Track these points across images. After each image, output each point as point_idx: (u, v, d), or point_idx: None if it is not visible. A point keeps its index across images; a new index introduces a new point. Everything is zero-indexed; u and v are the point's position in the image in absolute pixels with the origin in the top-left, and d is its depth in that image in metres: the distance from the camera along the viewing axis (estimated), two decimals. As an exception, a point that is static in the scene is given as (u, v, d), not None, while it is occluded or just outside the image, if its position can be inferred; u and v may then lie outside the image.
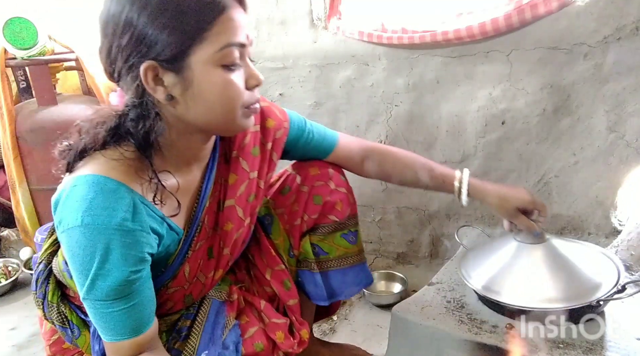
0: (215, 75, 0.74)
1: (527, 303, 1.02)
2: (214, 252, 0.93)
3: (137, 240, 0.74)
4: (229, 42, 0.73)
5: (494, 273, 1.10)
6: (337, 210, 1.06)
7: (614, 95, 1.33)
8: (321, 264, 1.09)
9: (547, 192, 1.50)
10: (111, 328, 0.76)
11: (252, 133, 0.96)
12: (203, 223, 0.90)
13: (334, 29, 1.71)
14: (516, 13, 1.36)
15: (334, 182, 1.06)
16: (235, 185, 0.93)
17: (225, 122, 0.79)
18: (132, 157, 0.76)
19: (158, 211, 0.80)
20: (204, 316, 0.95)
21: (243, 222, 0.95)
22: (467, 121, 1.56)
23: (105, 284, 0.72)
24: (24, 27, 1.81)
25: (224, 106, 0.77)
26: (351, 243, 1.10)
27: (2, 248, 2.17)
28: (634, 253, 1.20)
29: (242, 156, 0.94)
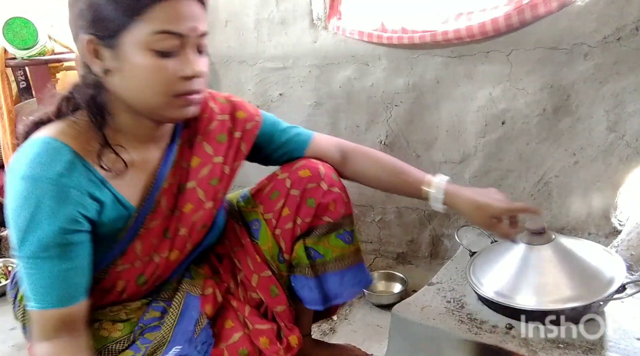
0: (144, 58, 0.77)
1: (532, 304, 1.02)
2: (170, 233, 0.94)
3: (70, 197, 0.77)
4: (164, 28, 0.76)
5: (503, 277, 1.10)
6: (331, 211, 1.04)
7: (614, 95, 1.33)
8: (316, 268, 1.06)
9: (547, 192, 1.50)
10: (38, 291, 0.78)
11: (220, 121, 0.99)
12: (159, 203, 0.91)
13: (334, 29, 1.71)
14: (516, 13, 1.36)
15: (327, 183, 1.03)
16: (197, 168, 0.95)
17: (155, 107, 0.81)
18: (84, 126, 0.82)
19: (102, 178, 0.82)
20: (177, 308, 0.95)
21: (203, 203, 0.96)
22: (467, 121, 1.56)
23: (35, 237, 0.75)
24: (24, 27, 1.81)
25: (150, 90, 0.79)
26: (347, 243, 1.07)
27: (2, 248, 2.17)
28: (634, 253, 1.20)
29: (206, 141, 0.97)
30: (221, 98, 1.03)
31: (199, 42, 0.82)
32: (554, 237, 1.11)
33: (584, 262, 1.07)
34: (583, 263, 1.06)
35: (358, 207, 1.88)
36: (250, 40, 1.89)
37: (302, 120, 1.85)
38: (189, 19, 0.78)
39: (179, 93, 0.81)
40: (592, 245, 1.16)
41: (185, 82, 0.80)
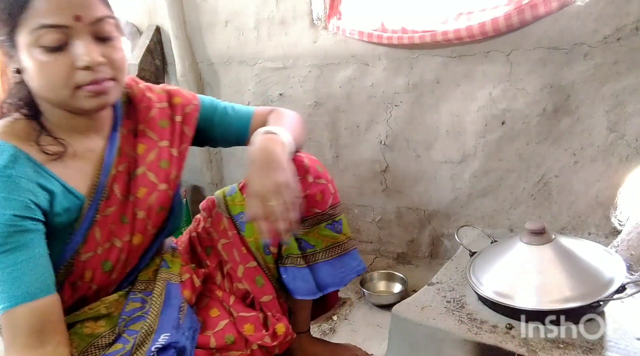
0: (36, 56, 0.78)
1: (532, 304, 1.02)
2: (128, 217, 0.96)
3: (19, 186, 0.79)
4: (43, 23, 0.76)
5: (503, 277, 1.10)
6: (318, 202, 1.04)
7: (614, 95, 1.33)
8: (308, 258, 1.08)
9: (547, 192, 1.50)
10: (1, 289, 0.77)
11: (159, 108, 1.02)
12: (112, 190, 0.93)
13: (334, 29, 1.71)
14: (516, 13, 1.36)
15: (312, 175, 1.03)
16: (144, 154, 0.98)
17: (62, 100, 0.82)
18: (21, 123, 0.85)
19: (47, 170, 0.84)
20: (160, 296, 0.97)
21: (156, 185, 0.99)
22: (467, 121, 1.56)
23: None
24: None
25: (50, 85, 0.80)
26: (337, 232, 1.08)
27: None
28: (634, 253, 1.20)
29: (149, 128, 1.00)
30: (157, 89, 1.06)
31: (94, 30, 0.81)
32: (554, 237, 1.11)
33: (584, 262, 1.07)
34: (583, 263, 1.06)
35: (358, 207, 1.88)
36: (250, 40, 1.89)
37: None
38: (69, 9, 0.77)
39: (79, 85, 0.80)
40: (592, 245, 1.16)
41: (83, 73, 0.80)
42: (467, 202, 1.64)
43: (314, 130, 1.85)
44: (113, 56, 0.83)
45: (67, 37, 0.78)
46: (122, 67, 0.86)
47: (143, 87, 1.04)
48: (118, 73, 0.85)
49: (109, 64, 0.82)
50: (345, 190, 1.88)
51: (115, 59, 0.84)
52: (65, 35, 0.78)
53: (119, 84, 0.87)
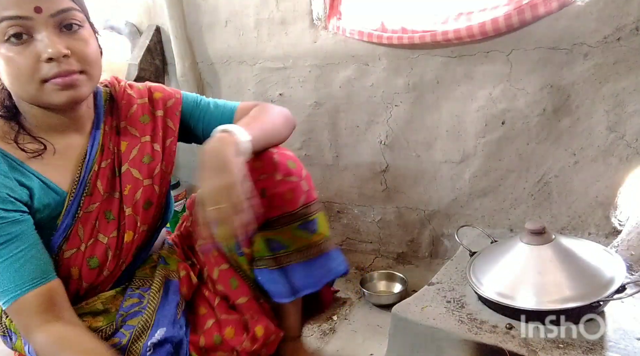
0: (1, 52, 0.78)
1: (532, 304, 1.02)
2: (113, 214, 0.96)
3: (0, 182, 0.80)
4: (3, 16, 0.76)
5: (503, 277, 1.10)
6: (287, 200, 0.99)
7: (614, 95, 1.33)
8: (280, 259, 1.03)
9: (547, 192, 1.50)
10: (6, 280, 0.78)
11: (140, 105, 1.02)
12: (94, 186, 0.93)
13: (334, 29, 1.71)
14: (516, 13, 1.36)
15: (281, 172, 0.98)
16: (127, 151, 0.98)
17: (32, 96, 0.81)
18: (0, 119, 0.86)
19: (26, 166, 0.85)
20: (158, 291, 0.98)
21: (141, 181, 0.99)
22: (467, 121, 1.56)
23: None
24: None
25: (18, 80, 0.80)
26: (311, 232, 1.02)
27: None
28: (634, 253, 1.20)
29: (130, 124, 1.00)
30: (139, 85, 1.06)
31: (58, 21, 0.80)
32: (554, 237, 1.11)
33: (584, 262, 1.07)
34: (583, 263, 1.06)
35: (358, 207, 1.88)
36: (250, 40, 1.89)
37: (302, 120, 1.85)
38: (28, 1, 0.77)
39: (45, 79, 0.79)
40: (592, 245, 1.16)
41: (48, 65, 0.79)
42: (467, 202, 1.64)
43: (314, 130, 1.85)
44: (79, 48, 0.82)
45: (30, 29, 0.78)
46: (90, 59, 0.84)
47: (124, 85, 1.05)
48: (87, 66, 0.84)
49: (75, 56, 0.81)
50: (345, 190, 1.88)
51: (81, 51, 0.82)
52: (27, 28, 0.77)
53: (89, 77, 0.85)
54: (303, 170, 1.03)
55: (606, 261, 1.08)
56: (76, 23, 0.82)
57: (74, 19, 0.82)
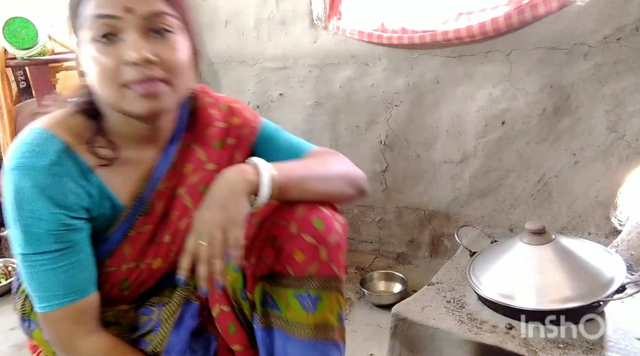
0: (89, 50, 0.75)
1: (532, 304, 1.02)
2: (157, 239, 0.89)
3: (65, 186, 0.76)
4: (94, 13, 0.73)
5: (503, 277, 1.10)
6: (294, 261, 0.82)
7: (614, 95, 1.33)
8: (269, 319, 0.87)
9: (547, 192, 1.50)
10: (45, 287, 0.76)
11: (218, 128, 0.94)
12: (154, 206, 0.87)
13: (334, 29, 1.71)
14: (516, 13, 1.36)
15: (298, 225, 0.82)
16: (189, 174, 0.91)
17: (113, 101, 0.77)
18: (78, 119, 0.82)
19: (88, 166, 0.81)
20: (172, 315, 0.91)
21: (189, 211, 0.89)
22: (467, 121, 1.56)
23: (37, 230, 0.75)
24: (24, 27, 1.81)
25: (100, 82, 0.76)
26: (306, 310, 0.83)
27: (2, 248, 2.17)
28: (634, 253, 1.20)
29: (202, 147, 0.92)
30: (223, 105, 0.97)
31: (148, 24, 0.75)
32: (554, 237, 1.11)
33: (584, 262, 1.07)
34: (583, 263, 1.06)
35: (358, 207, 1.88)
36: (250, 40, 1.89)
37: (302, 120, 1.85)
38: (120, 0, 0.73)
39: (125, 83, 0.74)
40: (592, 245, 1.16)
41: (130, 70, 0.73)
42: (467, 202, 1.64)
43: (314, 130, 1.85)
44: (166, 55, 0.76)
45: (118, 30, 0.74)
46: (176, 69, 0.78)
47: (209, 101, 0.96)
48: (172, 75, 0.77)
49: (160, 63, 0.75)
50: (345, 190, 1.88)
51: (168, 59, 0.76)
52: (116, 29, 0.74)
53: (173, 88, 0.78)
54: (332, 235, 0.83)
55: (606, 261, 1.08)
56: (167, 28, 0.77)
57: (165, 23, 0.76)
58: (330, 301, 0.84)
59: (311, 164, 0.90)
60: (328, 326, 0.85)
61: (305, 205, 0.85)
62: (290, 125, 1.87)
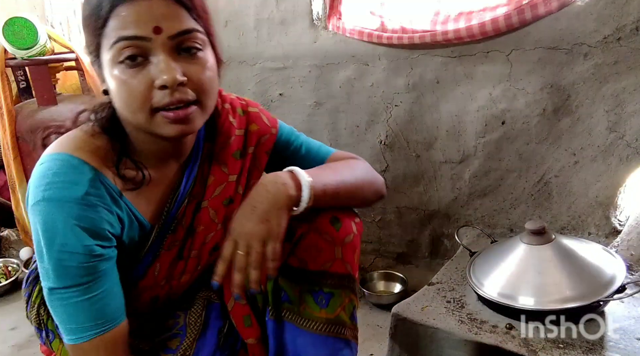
0: (114, 72, 0.72)
1: (532, 304, 1.02)
2: (184, 254, 0.88)
3: (99, 215, 0.74)
4: (119, 36, 0.70)
5: (503, 277, 1.10)
6: (311, 257, 0.84)
7: (614, 95, 1.33)
8: (281, 311, 0.88)
9: (547, 192, 1.50)
10: (73, 320, 0.74)
11: (237, 136, 0.92)
12: (180, 223, 0.85)
13: (334, 29, 1.71)
14: (516, 13, 1.36)
15: (316, 223, 0.85)
16: (212, 186, 0.89)
17: (142, 124, 0.74)
18: (102, 140, 0.79)
19: (118, 190, 0.78)
20: (199, 318, 0.91)
21: (215, 225, 0.90)
22: (467, 121, 1.56)
23: (68, 264, 0.72)
24: (24, 27, 1.81)
25: (129, 106, 0.73)
26: (319, 305, 0.84)
27: (2, 248, 2.17)
28: (634, 253, 1.20)
29: (223, 158, 0.90)
30: (240, 110, 0.95)
31: (177, 44, 0.72)
32: (554, 237, 1.11)
33: (584, 262, 1.07)
34: (583, 263, 1.06)
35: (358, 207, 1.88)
36: (250, 40, 1.89)
37: (302, 120, 1.85)
38: (149, 20, 0.69)
39: (157, 107, 0.72)
40: (592, 245, 1.16)
41: (161, 93, 0.71)
42: (467, 202, 1.64)
43: (314, 130, 1.85)
44: (196, 74, 0.73)
45: (146, 51, 0.70)
46: (206, 88, 0.75)
47: (228, 108, 0.93)
48: (202, 95, 0.75)
49: (191, 83, 0.73)
50: (345, 190, 1.88)
51: (198, 78, 0.73)
52: (144, 50, 0.70)
53: (203, 109, 0.76)
54: (348, 236, 0.86)
55: (606, 261, 1.08)
56: (196, 47, 0.74)
57: (194, 41, 0.74)
58: (343, 299, 0.85)
59: (343, 173, 0.90)
60: (340, 324, 0.85)
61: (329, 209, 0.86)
62: (290, 125, 1.86)
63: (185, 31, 0.72)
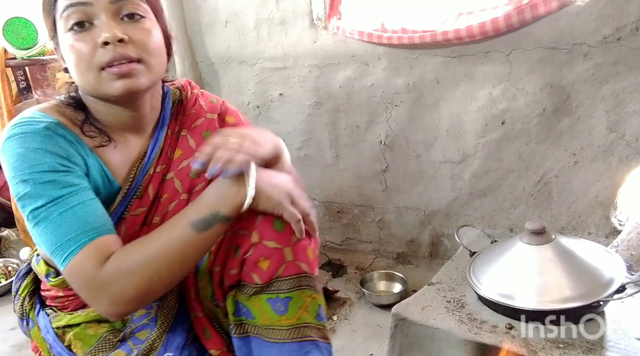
0: (65, 41, 0.79)
1: (532, 304, 1.02)
2: (148, 220, 0.91)
3: (59, 144, 0.79)
4: (66, 4, 0.77)
5: (503, 277, 1.10)
6: (260, 270, 0.81)
7: (614, 95, 1.33)
8: (246, 328, 0.84)
9: (547, 192, 1.50)
10: (61, 235, 0.73)
11: (207, 119, 0.98)
12: (146, 190, 0.90)
13: (334, 29, 1.71)
14: (516, 13, 1.36)
15: (259, 234, 0.81)
16: (179, 160, 0.94)
17: (92, 86, 0.80)
18: (68, 109, 0.86)
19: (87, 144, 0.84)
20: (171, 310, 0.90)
21: (179, 194, 0.93)
22: (467, 121, 1.56)
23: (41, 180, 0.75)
24: (24, 27, 1.81)
25: (78, 69, 0.79)
26: (278, 313, 0.81)
27: (2, 248, 2.17)
28: (634, 253, 1.20)
29: (191, 135, 0.96)
30: (213, 98, 1.02)
31: (118, 8, 0.79)
32: (554, 237, 1.11)
33: (584, 262, 1.07)
34: (583, 263, 1.06)
35: (358, 207, 1.88)
36: (250, 40, 1.89)
37: (302, 120, 1.85)
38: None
39: (102, 65, 0.77)
40: (592, 245, 1.16)
41: (104, 51, 0.77)
42: (467, 202, 1.64)
43: (314, 130, 1.85)
44: (138, 36, 0.80)
45: (90, 16, 0.77)
46: (149, 48, 0.81)
47: (197, 93, 1.01)
48: (145, 54, 0.81)
49: (132, 43, 0.79)
50: (345, 190, 1.88)
51: (140, 39, 0.80)
52: (88, 15, 0.77)
53: (148, 67, 0.81)
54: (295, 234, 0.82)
55: (606, 261, 1.08)
56: (138, 13, 0.81)
57: (135, 8, 0.80)
58: (304, 300, 0.82)
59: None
60: (304, 326, 0.82)
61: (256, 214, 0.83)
62: (290, 125, 1.87)
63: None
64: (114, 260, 0.74)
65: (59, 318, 0.93)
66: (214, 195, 0.78)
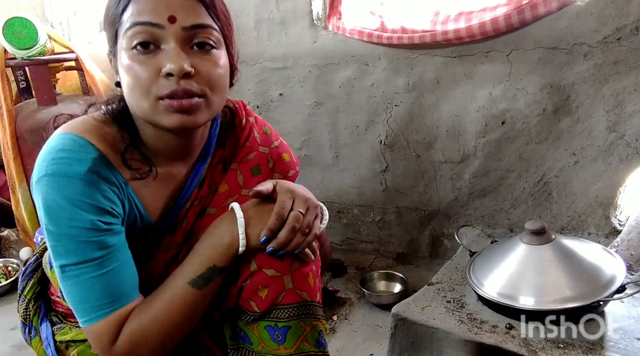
0: (125, 59, 0.72)
1: (532, 304, 1.02)
2: (180, 257, 0.84)
3: (102, 193, 0.73)
4: (134, 21, 0.70)
5: (503, 277, 1.10)
6: (258, 297, 0.78)
7: (614, 95, 1.33)
8: (243, 351, 0.82)
9: (547, 192, 1.50)
10: (88, 299, 0.72)
11: (260, 153, 0.91)
12: (180, 224, 0.84)
13: (334, 29, 1.71)
14: (516, 13, 1.36)
15: (257, 262, 0.78)
16: (223, 195, 0.87)
17: (145, 112, 0.73)
18: (112, 128, 0.78)
19: (124, 179, 0.77)
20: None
21: None
22: (467, 121, 1.56)
23: (77, 239, 0.70)
24: (24, 27, 1.81)
25: (134, 92, 0.72)
26: (276, 341, 0.78)
27: (2, 248, 2.17)
28: (634, 253, 1.20)
29: (241, 170, 0.89)
30: (266, 128, 0.95)
31: (190, 36, 0.72)
32: (554, 237, 1.11)
33: (584, 262, 1.07)
34: (583, 263, 1.06)
35: (358, 207, 1.88)
36: (250, 40, 1.89)
37: (302, 120, 1.85)
38: (163, 9, 0.70)
39: (161, 95, 0.71)
40: (592, 245, 1.16)
41: (166, 81, 0.70)
42: (467, 202, 1.64)
43: (314, 130, 1.85)
44: (206, 69, 0.73)
45: (158, 39, 0.71)
46: (214, 83, 0.74)
47: (252, 121, 0.93)
48: (210, 91, 0.74)
49: (198, 77, 0.72)
50: (345, 190, 1.88)
51: (207, 72, 0.73)
52: (156, 38, 0.70)
53: (209, 105, 0.75)
54: (295, 262, 0.80)
55: (606, 261, 1.08)
56: (210, 43, 0.74)
57: (208, 37, 0.73)
58: (304, 329, 0.80)
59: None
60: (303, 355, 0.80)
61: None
62: (290, 125, 1.87)
63: (200, 25, 0.72)
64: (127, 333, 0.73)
65: (64, 331, 0.89)
66: (209, 249, 0.76)
